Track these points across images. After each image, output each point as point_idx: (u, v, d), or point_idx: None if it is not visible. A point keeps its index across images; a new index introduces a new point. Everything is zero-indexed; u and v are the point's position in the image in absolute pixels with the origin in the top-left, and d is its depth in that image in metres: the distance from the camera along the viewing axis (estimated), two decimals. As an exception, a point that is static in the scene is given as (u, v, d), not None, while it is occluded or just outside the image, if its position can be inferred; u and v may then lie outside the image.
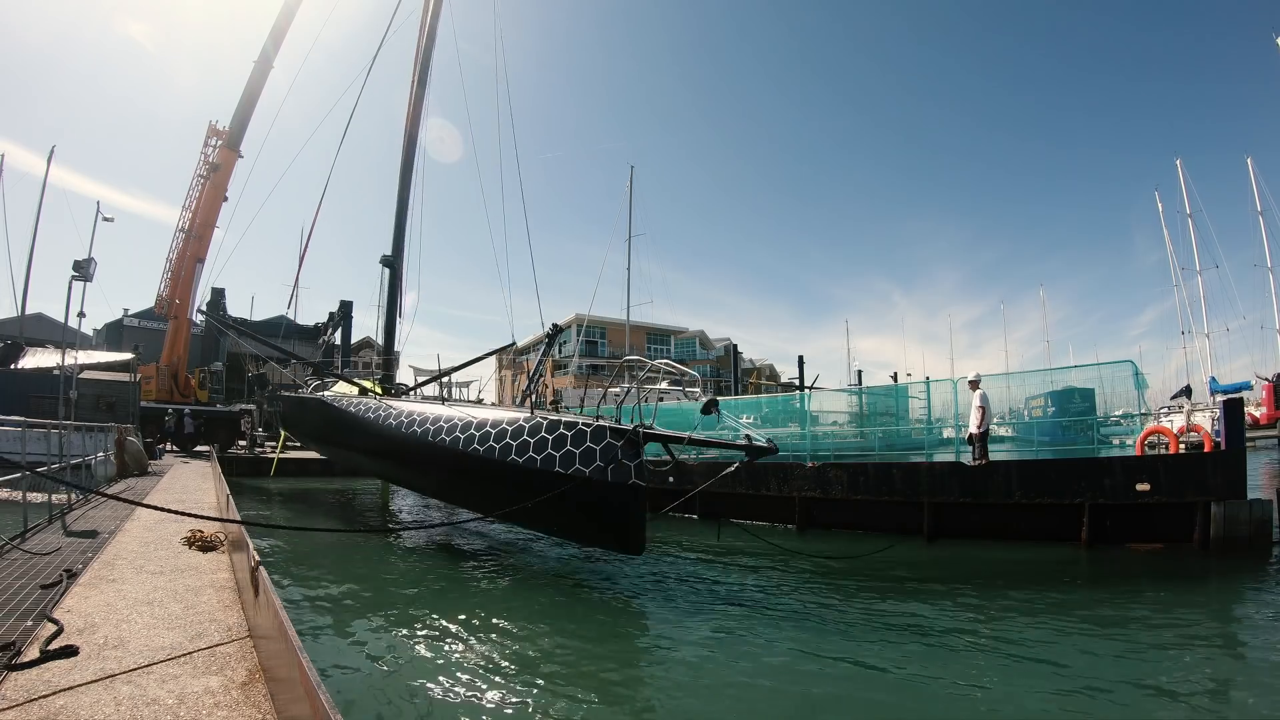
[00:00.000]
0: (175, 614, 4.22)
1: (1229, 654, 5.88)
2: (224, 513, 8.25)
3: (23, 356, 28.05)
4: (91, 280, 16.52)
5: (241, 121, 29.52)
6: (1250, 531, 9.04)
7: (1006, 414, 15.50)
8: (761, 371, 69.61)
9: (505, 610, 7.13)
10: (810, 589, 8.12)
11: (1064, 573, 8.83)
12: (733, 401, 20.93)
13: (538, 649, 5.88)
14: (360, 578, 8.87)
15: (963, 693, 4.91)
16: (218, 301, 37.76)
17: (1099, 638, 6.11)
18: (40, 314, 40.36)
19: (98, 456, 12.67)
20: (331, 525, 14.07)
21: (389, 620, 6.78)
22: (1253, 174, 38.80)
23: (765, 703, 4.74)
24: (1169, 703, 4.70)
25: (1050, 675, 5.22)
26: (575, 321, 50.89)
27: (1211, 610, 7.20)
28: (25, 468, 6.35)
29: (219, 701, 2.88)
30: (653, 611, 7.21)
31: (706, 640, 6.11)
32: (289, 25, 28.40)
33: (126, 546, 6.53)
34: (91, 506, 9.52)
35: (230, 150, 29.42)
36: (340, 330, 39.68)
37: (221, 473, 14.24)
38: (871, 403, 20.64)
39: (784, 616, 6.96)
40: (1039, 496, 10.06)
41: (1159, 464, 9.77)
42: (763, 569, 9.36)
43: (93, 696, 2.90)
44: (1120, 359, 12.01)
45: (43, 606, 4.28)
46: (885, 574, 8.87)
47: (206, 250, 30.06)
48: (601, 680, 5.18)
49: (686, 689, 5.04)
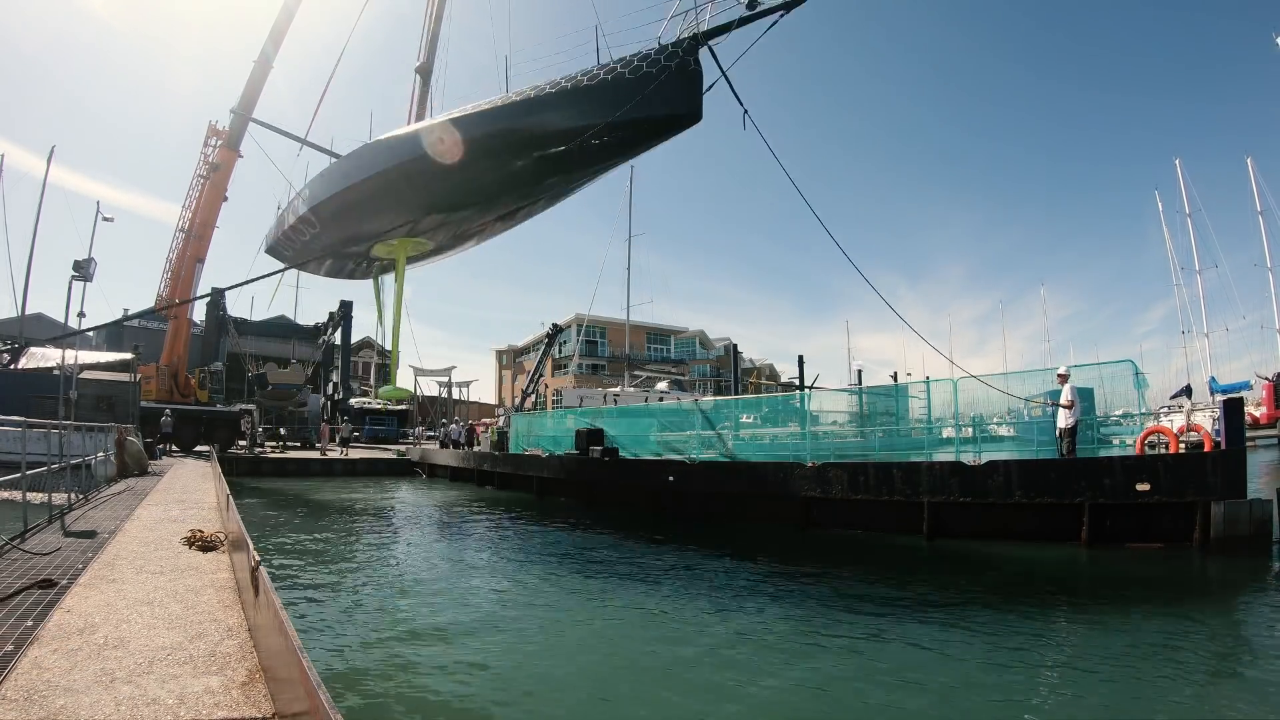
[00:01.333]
0: (175, 614, 4.23)
1: (1229, 654, 5.88)
2: (224, 513, 8.25)
3: (23, 357, 28.06)
4: (91, 280, 16.57)
5: (242, 122, 29.55)
6: (1250, 531, 9.03)
7: (1006, 414, 15.49)
8: (761, 371, 69.63)
9: (507, 610, 7.14)
10: (809, 589, 8.12)
11: (1064, 572, 8.84)
12: (733, 401, 20.94)
13: (539, 649, 5.88)
14: (361, 578, 8.88)
15: (963, 692, 4.91)
16: (217, 301, 37.74)
17: (1099, 638, 6.11)
18: (40, 314, 40.39)
19: (98, 456, 12.67)
20: (332, 525, 14.08)
21: (389, 620, 6.78)
22: (1253, 174, 38.85)
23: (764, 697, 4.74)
24: (1169, 703, 4.70)
25: (1050, 675, 5.23)
26: (575, 321, 50.88)
27: (1211, 610, 7.20)
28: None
29: (219, 701, 2.88)
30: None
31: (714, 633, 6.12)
32: (289, 25, 28.48)
33: (126, 546, 6.53)
34: (91, 506, 9.52)
35: (230, 150, 29.44)
36: (340, 330, 39.71)
37: (221, 473, 14.24)
38: (871, 402, 20.64)
39: (776, 610, 6.97)
40: (1039, 496, 10.06)
41: (1159, 464, 9.77)
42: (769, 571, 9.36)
43: (93, 697, 2.90)
44: (1120, 359, 11.99)
45: (43, 606, 4.28)
46: (885, 572, 8.88)
47: (206, 250, 30.09)
48: (608, 680, 5.18)
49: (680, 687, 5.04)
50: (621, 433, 18.64)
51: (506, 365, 68.46)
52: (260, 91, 29.16)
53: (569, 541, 11.94)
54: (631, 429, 19.06)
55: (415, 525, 14.37)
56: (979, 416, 13.32)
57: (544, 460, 20.10)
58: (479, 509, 16.96)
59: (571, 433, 19.11)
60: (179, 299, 29.46)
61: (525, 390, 40.78)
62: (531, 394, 41.29)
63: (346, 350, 40.41)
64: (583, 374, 55.13)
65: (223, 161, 29.36)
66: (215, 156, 29.29)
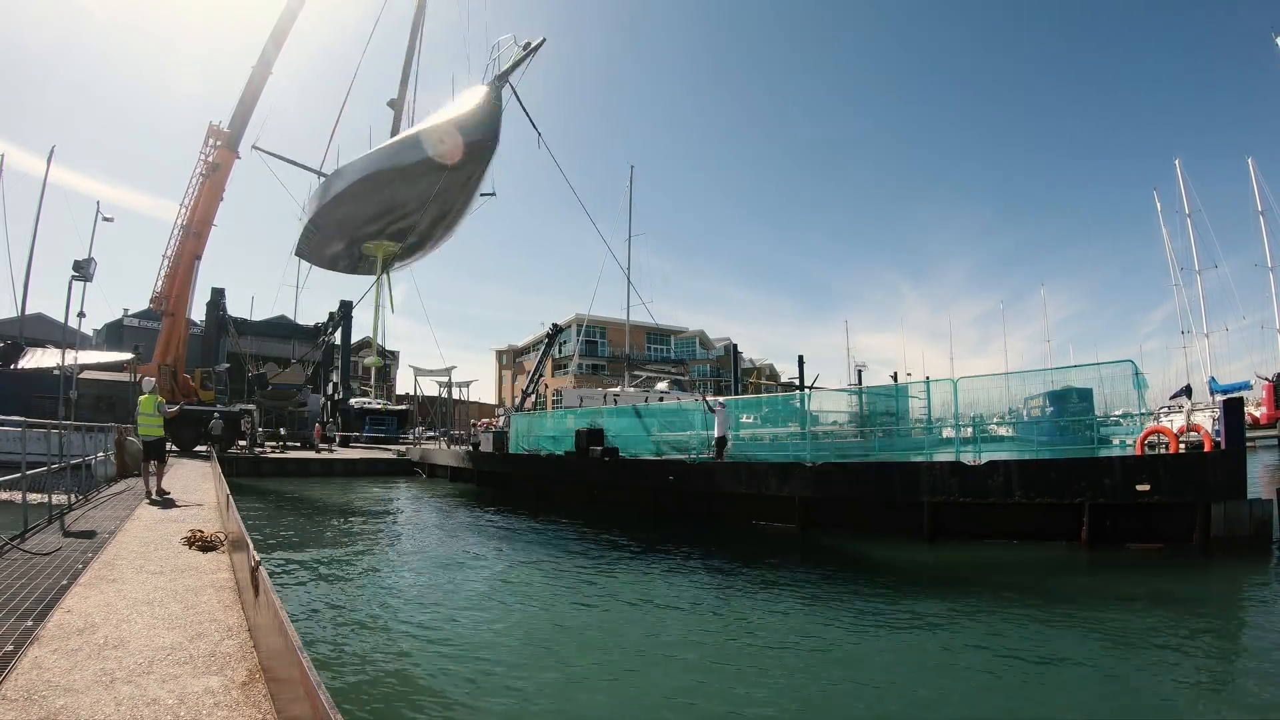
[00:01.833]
0: (175, 614, 4.22)
1: (1229, 654, 5.88)
2: (224, 513, 8.25)
3: (23, 357, 28.07)
4: (91, 280, 16.55)
5: (241, 123, 29.67)
6: (1250, 531, 9.04)
7: (1005, 414, 15.49)
8: (761, 371, 69.66)
9: (506, 610, 7.14)
10: (808, 589, 8.12)
11: (1064, 573, 8.84)
12: (733, 401, 20.93)
13: (538, 649, 5.88)
14: (361, 578, 8.88)
15: (961, 693, 4.91)
16: (217, 301, 37.75)
17: (1098, 638, 6.10)
18: (40, 314, 40.41)
19: (98, 456, 12.67)
20: (332, 525, 14.07)
21: (389, 620, 6.78)
22: (1253, 174, 38.83)
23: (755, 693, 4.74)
24: (1169, 703, 4.70)
25: (1050, 675, 5.23)
26: (575, 321, 50.89)
27: (1211, 610, 7.20)
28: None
29: (219, 701, 2.88)
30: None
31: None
32: (290, 28, 28.78)
33: (126, 546, 6.53)
34: (91, 506, 9.52)
35: (229, 151, 29.56)
36: (340, 330, 39.71)
37: (221, 473, 14.24)
38: (871, 402, 20.65)
39: (769, 609, 6.97)
40: (1039, 496, 10.06)
41: (1159, 464, 9.77)
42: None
43: (93, 697, 2.90)
44: (1120, 359, 11.99)
45: (43, 606, 4.28)
46: (885, 572, 8.88)
47: (203, 248, 30.21)
48: (607, 681, 5.18)
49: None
50: (621, 433, 18.65)
51: (506, 365, 68.46)
52: (260, 93, 29.39)
53: (569, 542, 11.93)
54: (632, 429, 19.07)
55: (415, 525, 14.36)
56: (979, 417, 13.33)
57: (544, 460, 20.10)
58: (479, 509, 16.95)
59: (571, 433, 19.12)
60: (175, 295, 29.65)
61: (525, 390, 40.80)
62: (531, 394, 41.30)
63: (346, 350, 40.42)
64: (583, 374, 55.13)
65: (222, 161, 29.45)
66: (214, 156, 29.35)
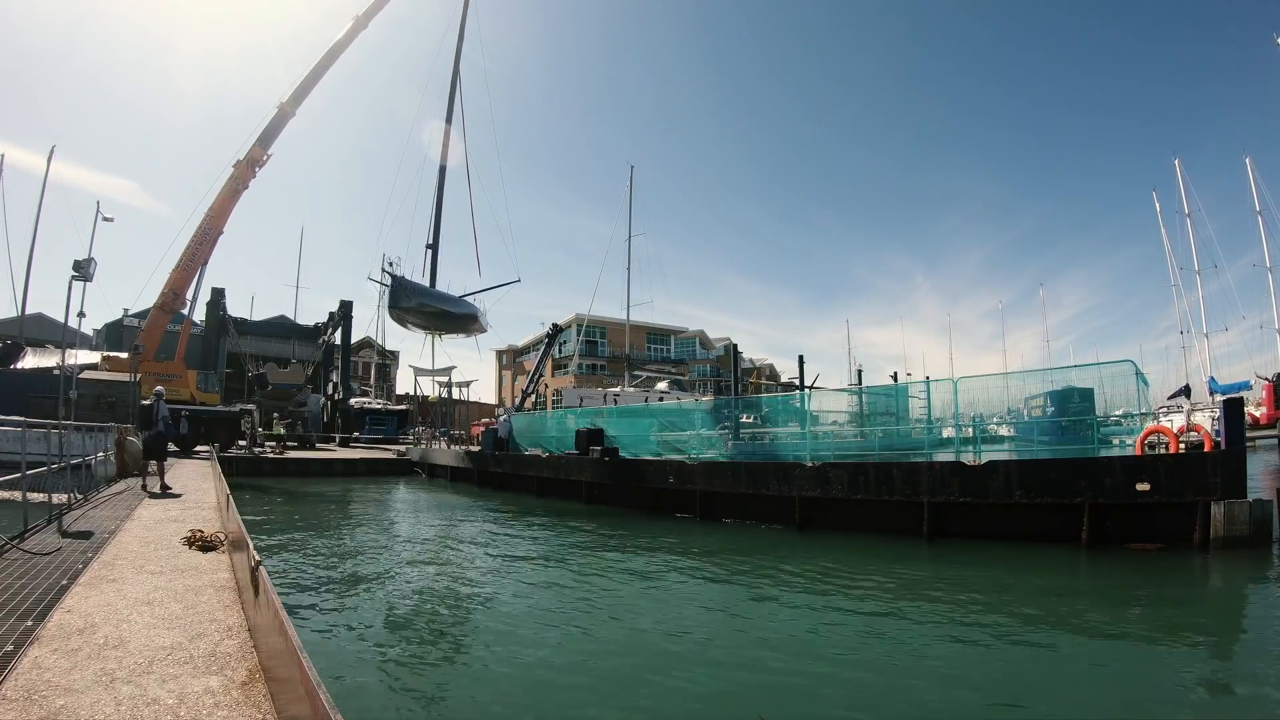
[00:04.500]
0: (175, 614, 4.22)
1: (1229, 655, 5.88)
2: (224, 513, 8.25)
3: (22, 357, 28.09)
4: (91, 280, 16.54)
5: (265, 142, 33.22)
6: (1250, 531, 9.02)
7: (1006, 414, 15.50)
8: (761, 371, 69.70)
9: (506, 610, 7.13)
10: (808, 588, 8.12)
11: (1064, 573, 8.83)
12: (732, 401, 20.92)
13: (538, 649, 5.88)
14: (361, 577, 8.88)
15: (960, 692, 4.91)
16: (218, 301, 37.77)
17: (1099, 638, 6.10)
18: (40, 314, 40.41)
19: (98, 456, 12.67)
20: (333, 525, 14.07)
21: (390, 619, 6.78)
22: (1252, 174, 38.80)
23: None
24: (1169, 703, 4.70)
25: (1050, 675, 5.23)
26: (575, 321, 50.90)
27: (1212, 610, 7.20)
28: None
29: (219, 701, 2.88)
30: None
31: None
32: (316, 84, 32.78)
33: (126, 546, 6.53)
34: (91, 506, 9.52)
35: (249, 168, 32.44)
36: (340, 330, 39.72)
37: (221, 472, 14.24)
38: (872, 402, 20.65)
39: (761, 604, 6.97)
40: (1039, 496, 10.05)
41: (1159, 464, 9.76)
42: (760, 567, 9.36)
43: (93, 697, 2.90)
44: (1120, 359, 11.98)
45: (43, 606, 4.28)
46: (884, 571, 8.87)
47: (210, 253, 30.95)
48: (607, 681, 5.17)
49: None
50: (621, 433, 18.64)
51: (506, 365, 68.44)
52: (279, 134, 33.38)
53: (568, 541, 11.93)
54: (631, 429, 19.06)
55: (415, 525, 14.36)
56: (979, 416, 13.33)
57: (544, 460, 20.10)
58: (479, 509, 16.95)
59: (572, 433, 19.12)
60: (175, 291, 30.36)
61: (525, 390, 40.79)
62: (531, 394, 41.29)
63: (346, 350, 40.42)
64: (583, 374, 55.13)
65: (256, 159, 32.81)
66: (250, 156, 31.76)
